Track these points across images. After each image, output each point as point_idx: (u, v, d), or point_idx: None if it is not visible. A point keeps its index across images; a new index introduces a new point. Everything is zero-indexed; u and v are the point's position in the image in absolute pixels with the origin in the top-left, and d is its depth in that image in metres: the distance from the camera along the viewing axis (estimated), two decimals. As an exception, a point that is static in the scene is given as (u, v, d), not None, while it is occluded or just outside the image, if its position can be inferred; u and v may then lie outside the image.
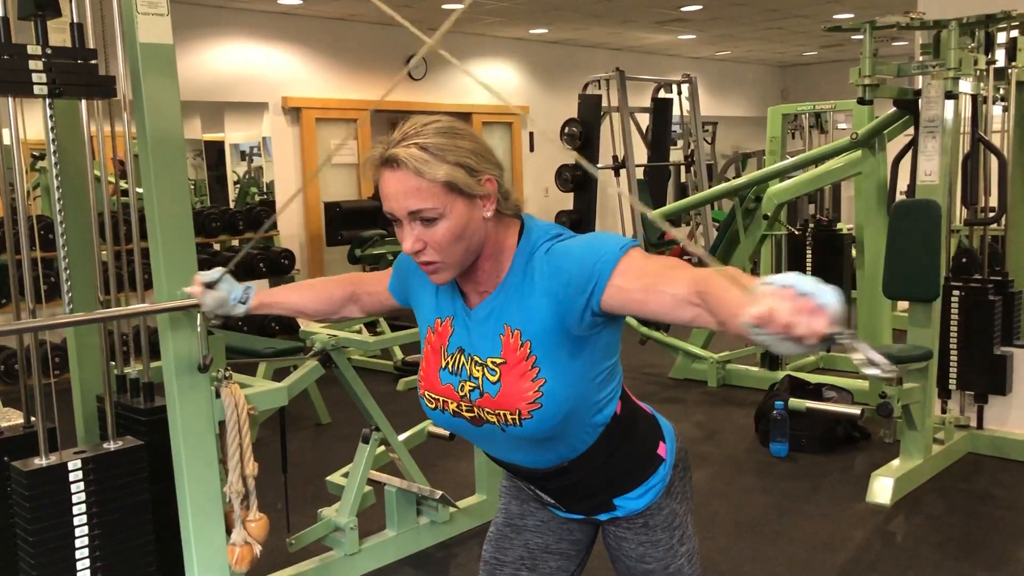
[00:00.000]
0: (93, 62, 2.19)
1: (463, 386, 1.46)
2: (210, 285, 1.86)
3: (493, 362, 1.42)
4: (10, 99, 2.16)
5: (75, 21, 2.20)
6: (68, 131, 2.34)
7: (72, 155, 2.36)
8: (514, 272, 1.41)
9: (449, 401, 1.48)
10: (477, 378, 1.44)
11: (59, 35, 2.21)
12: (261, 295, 1.89)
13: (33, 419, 2.33)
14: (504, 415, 1.41)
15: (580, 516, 1.64)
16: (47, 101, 2.15)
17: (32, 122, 2.48)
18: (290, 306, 1.87)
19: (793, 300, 0.96)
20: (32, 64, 2.07)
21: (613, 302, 1.32)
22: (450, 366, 1.48)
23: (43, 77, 2.08)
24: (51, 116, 2.17)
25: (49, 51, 2.10)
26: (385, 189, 1.35)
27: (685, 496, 1.64)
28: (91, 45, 2.23)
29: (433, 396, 1.50)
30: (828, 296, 0.97)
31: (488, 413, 1.43)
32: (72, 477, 2.15)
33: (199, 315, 2.16)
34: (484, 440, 1.52)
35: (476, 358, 1.44)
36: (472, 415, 1.46)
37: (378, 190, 1.38)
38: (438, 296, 1.52)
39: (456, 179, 1.32)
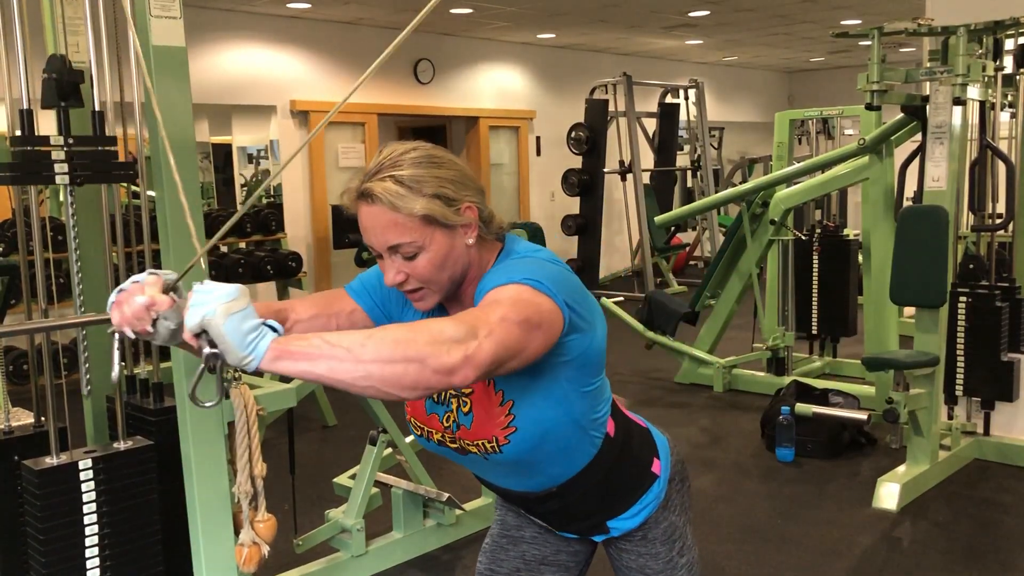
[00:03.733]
0: (113, 148, 2.26)
1: (448, 417, 1.43)
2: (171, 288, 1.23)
3: (464, 393, 1.40)
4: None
5: (96, 109, 2.26)
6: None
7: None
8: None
9: (433, 431, 1.46)
10: (455, 410, 1.42)
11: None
12: None
13: (43, 419, 2.35)
14: (483, 444, 1.39)
15: (574, 536, 1.63)
16: (68, 188, 2.23)
17: (43, 122, 2.50)
18: None
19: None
20: (54, 155, 2.16)
21: None
22: (435, 395, 1.45)
23: (64, 167, 2.17)
24: (72, 203, 2.26)
25: (71, 141, 2.18)
26: (363, 223, 1.32)
27: (684, 508, 1.62)
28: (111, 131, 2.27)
29: (418, 424, 1.48)
30: (196, 308, 1.06)
31: (469, 444, 1.41)
32: (82, 476, 2.17)
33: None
34: (472, 466, 1.50)
35: (453, 389, 1.39)
36: (456, 446, 1.44)
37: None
38: None
39: (433, 212, 1.29)
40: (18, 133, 2.16)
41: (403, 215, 1.28)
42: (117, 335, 1.19)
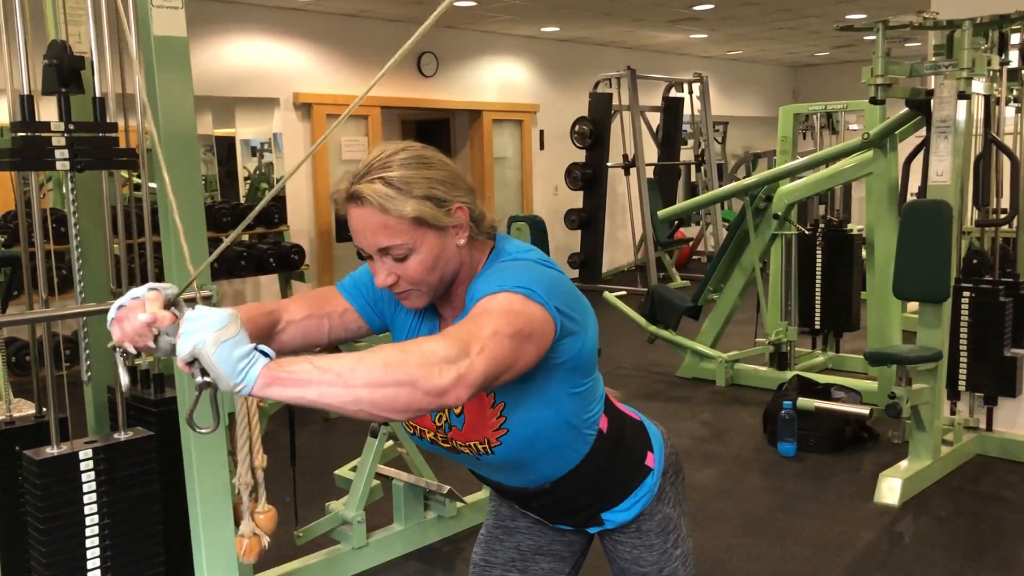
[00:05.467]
0: (114, 135, 2.25)
1: (440, 417, 1.42)
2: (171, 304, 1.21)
3: None
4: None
5: (97, 96, 2.25)
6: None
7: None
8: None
9: (426, 430, 1.46)
10: (447, 410, 1.41)
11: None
12: None
13: (44, 409, 2.35)
14: (475, 445, 1.39)
15: (569, 528, 1.63)
16: (69, 174, 2.22)
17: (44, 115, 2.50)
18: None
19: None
20: (55, 140, 2.14)
21: None
22: None
23: (65, 153, 2.15)
24: (72, 189, 2.26)
25: (71, 127, 2.17)
26: (352, 225, 1.30)
27: (678, 500, 1.63)
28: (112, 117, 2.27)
29: (411, 423, 1.47)
30: (187, 337, 1.04)
31: (460, 445, 1.41)
32: (83, 467, 2.17)
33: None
34: (465, 463, 1.50)
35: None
36: (448, 445, 1.44)
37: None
38: (421, 322, 1.47)
39: (424, 213, 1.27)
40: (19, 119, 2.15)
41: (393, 217, 1.27)
42: (119, 350, 1.16)
